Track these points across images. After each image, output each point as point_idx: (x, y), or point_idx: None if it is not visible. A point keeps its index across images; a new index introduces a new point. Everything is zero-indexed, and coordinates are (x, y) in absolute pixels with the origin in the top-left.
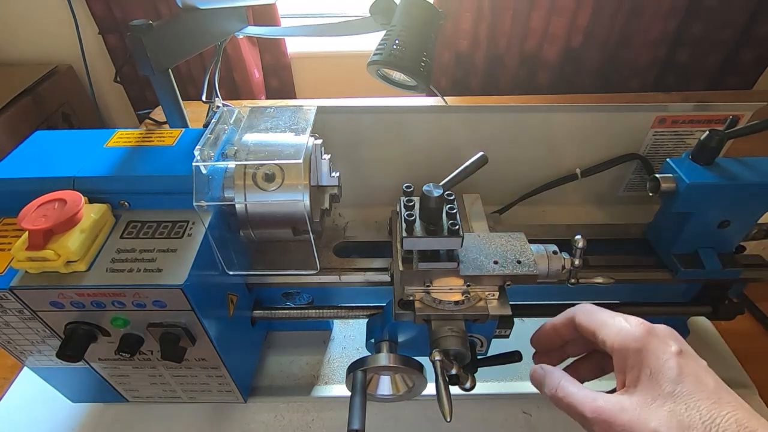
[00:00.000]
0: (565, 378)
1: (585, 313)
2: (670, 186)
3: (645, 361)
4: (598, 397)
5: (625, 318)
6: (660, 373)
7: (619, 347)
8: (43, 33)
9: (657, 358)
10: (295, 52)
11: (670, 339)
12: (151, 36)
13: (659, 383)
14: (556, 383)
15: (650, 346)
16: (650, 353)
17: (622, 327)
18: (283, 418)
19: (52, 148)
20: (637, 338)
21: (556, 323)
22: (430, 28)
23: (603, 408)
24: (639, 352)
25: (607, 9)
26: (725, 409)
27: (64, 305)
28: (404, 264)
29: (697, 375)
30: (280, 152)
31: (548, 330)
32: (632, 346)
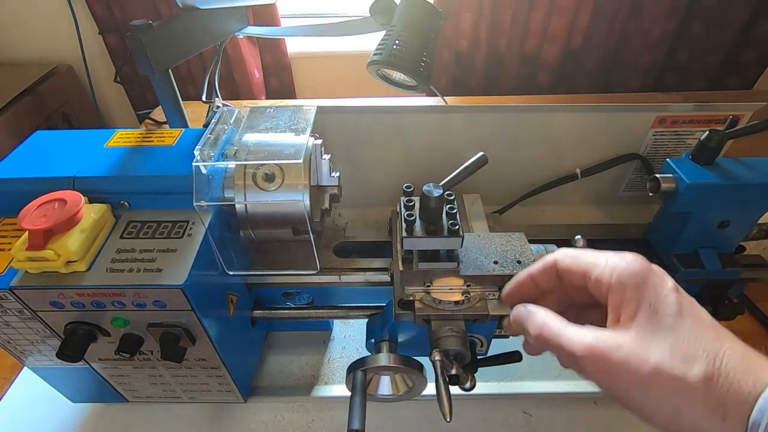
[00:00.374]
0: (551, 315)
1: (570, 257)
2: (670, 186)
3: (644, 295)
4: (588, 333)
5: (619, 255)
6: (660, 308)
7: (617, 283)
8: (43, 33)
9: (657, 293)
10: (295, 52)
11: (666, 276)
12: (151, 36)
13: (659, 318)
14: (541, 321)
15: (650, 280)
16: (650, 288)
17: (617, 263)
18: (283, 418)
19: (52, 148)
20: (636, 273)
21: (533, 272)
22: (430, 28)
23: (595, 345)
24: (638, 287)
25: (607, 9)
26: (726, 343)
27: (64, 305)
28: (404, 264)
29: (695, 311)
30: (280, 152)
31: (524, 279)
32: (631, 281)
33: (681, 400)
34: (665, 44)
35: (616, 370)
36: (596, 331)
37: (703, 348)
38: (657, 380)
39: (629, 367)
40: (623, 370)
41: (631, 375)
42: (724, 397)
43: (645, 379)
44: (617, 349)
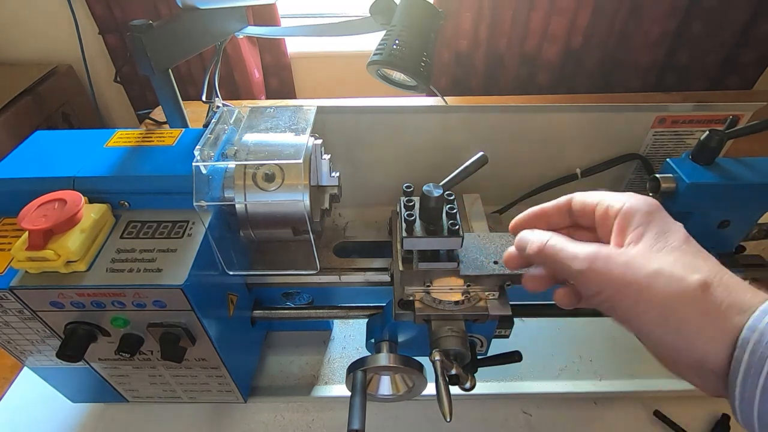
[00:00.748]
0: (555, 235)
1: (584, 194)
2: (670, 186)
3: (654, 221)
4: (591, 245)
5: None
6: (669, 231)
7: (628, 208)
8: (43, 33)
9: (665, 222)
10: (295, 52)
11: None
12: (151, 36)
13: (666, 239)
14: (545, 237)
15: (660, 214)
16: (659, 218)
17: (631, 197)
18: (283, 418)
19: (52, 148)
20: (649, 203)
21: (546, 207)
22: (430, 28)
23: (599, 251)
24: (649, 214)
25: (607, 9)
26: (726, 271)
27: (64, 305)
28: (404, 264)
29: (698, 245)
30: (280, 152)
31: (536, 215)
32: (644, 208)
33: (677, 299)
34: (665, 44)
35: (615, 272)
36: (600, 245)
37: (705, 264)
38: (655, 281)
39: (629, 269)
40: (622, 271)
41: (630, 276)
42: (719, 302)
43: (643, 280)
44: (620, 254)
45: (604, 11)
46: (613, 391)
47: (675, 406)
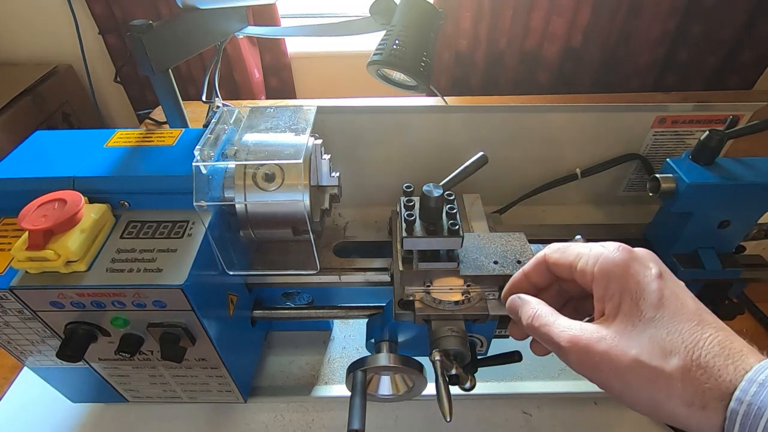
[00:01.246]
0: (542, 306)
1: (557, 251)
2: (670, 186)
3: (626, 286)
4: (574, 325)
5: (602, 245)
6: (641, 299)
7: (599, 274)
8: (43, 33)
9: (638, 282)
10: (295, 52)
11: (651, 261)
12: (151, 36)
13: (640, 309)
14: (532, 311)
15: (631, 271)
16: (631, 278)
17: (600, 253)
18: (283, 418)
19: (52, 148)
20: (617, 263)
21: (526, 269)
22: (430, 28)
23: (580, 337)
24: (620, 278)
25: (607, 9)
26: (707, 332)
27: (64, 305)
28: (404, 264)
29: (677, 297)
30: (280, 152)
31: (519, 279)
32: (613, 271)
33: (659, 391)
34: (665, 44)
35: (598, 362)
36: (582, 324)
37: (681, 340)
38: (636, 372)
39: (609, 359)
40: (604, 362)
41: (612, 367)
42: (702, 388)
43: (624, 372)
44: (599, 342)
45: (604, 11)
46: None
47: None
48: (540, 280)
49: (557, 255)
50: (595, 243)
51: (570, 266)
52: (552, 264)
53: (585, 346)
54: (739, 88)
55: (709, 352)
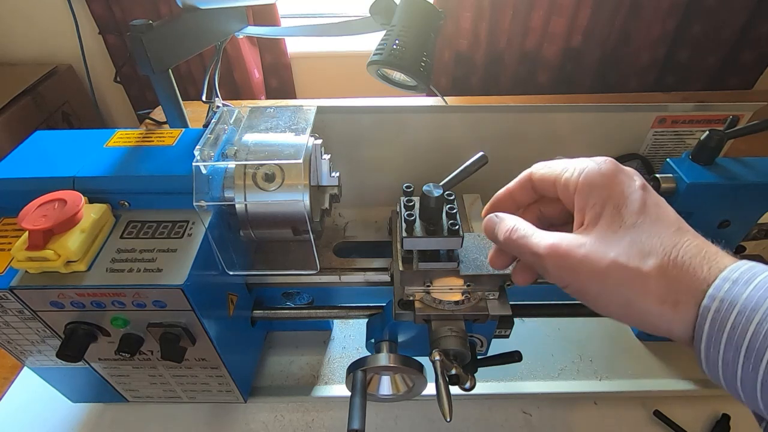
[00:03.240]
0: (519, 221)
1: (544, 166)
2: (670, 186)
3: (610, 195)
4: (553, 234)
5: (591, 159)
6: (624, 206)
7: (583, 183)
8: (43, 33)
9: (622, 191)
10: (295, 52)
11: (635, 175)
12: (151, 36)
13: (622, 216)
14: (510, 226)
15: (617, 179)
16: (616, 186)
17: (587, 164)
18: (283, 418)
19: (52, 148)
20: (603, 173)
21: (510, 187)
22: (430, 28)
23: (559, 244)
24: (604, 188)
25: (607, 9)
26: (686, 236)
27: (64, 305)
28: (404, 264)
29: (658, 205)
30: (280, 152)
31: (503, 196)
32: (598, 181)
33: (634, 290)
34: (665, 44)
35: (576, 266)
36: (561, 234)
37: (660, 242)
38: (613, 273)
39: (589, 262)
40: (583, 265)
41: (590, 270)
42: (677, 286)
43: (602, 273)
44: (579, 247)
45: (604, 11)
46: (613, 391)
47: (675, 406)
48: (524, 198)
49: (544, 170)
50: (582, 158)
51: (555, 180)
52: (537, 179)
53: (564, 252)
54: (739, 88)
55: (686, 253)
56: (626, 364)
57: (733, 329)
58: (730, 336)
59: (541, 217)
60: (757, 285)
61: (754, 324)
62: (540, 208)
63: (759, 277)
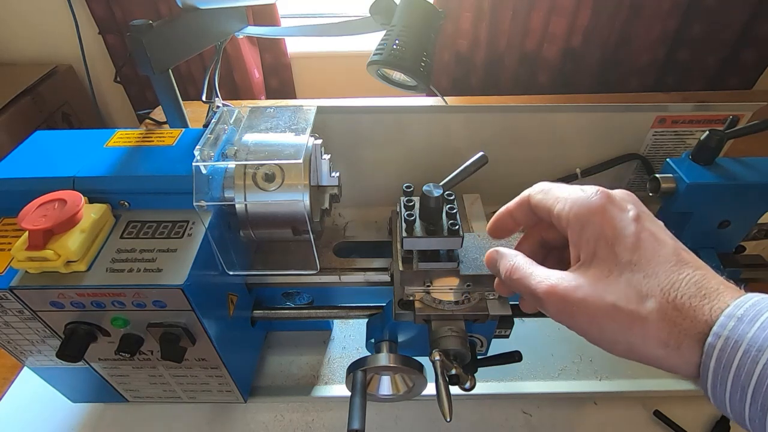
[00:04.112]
0: (519, 258)
1: (540, 192)
2: (670, 186)
3: (602, 231)
4: (551, 275)
5: (582, 188)
6: (617, 242)
7: (575, 218)
8: (43, 33)
9: (614, 226)
10: (295, 52)
11: (628, 203)
12: (151, 36)
13: (616, 253)
14: (509, 264)
15: (608, 214)
16: (607, 222)
17: (578, 197)
18: (283, 418)
19: (52, 148)
20: (593, 207)
21: (510, 207)
22: (430, 28)
23: (557, 286)
24: (595, 224)
25: (607, 9)
26: (684, 272)
27: (64, 305)
28: (404, 264)
29: (655, 237)
30: (280, 152)
31: (503, 216)
32: (588, 216)
33: (635, 335)
34: (665, 44)
35: (575, 311)
36: (559, 274)
37: (657, 282)
38: (612, 318)
39: (586, 307)
40: (581, 310)
41: (589, 315)
42: (678, 329)
43: (601, 319)
44: (575, 290)
45: (604, 11)
46: (613, 391)
47: (675, 406)
48: (522, 218)
49: (540, 196)
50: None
51: (549, 210)
52: (535, 205)
53: (562, 295)
54: (739, 88)
55: (685, 293)
56: (626, 364)
57: (739, 369)
58: (736, 376)
59: (543, 242)
60: (762, 324)
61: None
62: (541, 234)
63: (765, 314)
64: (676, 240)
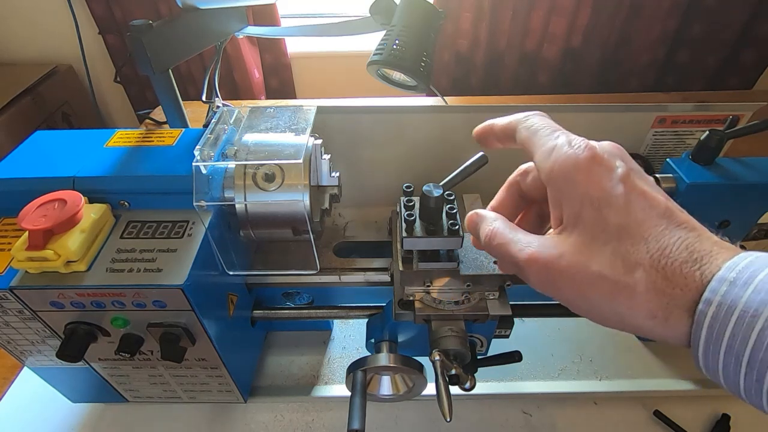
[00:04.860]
0: (499, 222)
1: (527, 129)
2: (670, 186)
3: (588, 191)
4: (533, 241)
5: (568, 138)
6: (605, 205)
7: (557, 175)
8: (43, 33)
9: (601, 187)
10: (295, 52)
11: (617, 158)
12: (151, 36)
13: (604, 217)
14: (489, 229)
15: (594, 173)
16: (593, 182)
17: (561, 151)
18: (283, 418)
19: (52, 148)
20: (579, 164)
21: (495, 127)
22: (430, 28)
23: (539, 254)
24: (580, 183)
25: (607, 9)
26: (675, 234)
27: (64, 305)
28: (404, 264)
29: (646, 197)
30: (280, 152)
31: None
32: (572, 173)
33: (622, 305)
34: (665, 44)
35: (558, 280)
36: (541, 239)
37: (646, 249)
38: (598, 288)
39: (571, 277)
40: (565, 279)
41: (573, 285)
42: (667, 300)
43: (586, 289)
44: (559, 258)
45: (604, 11)
46: (613, 391)
47: (675, 406)
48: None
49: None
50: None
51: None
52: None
53: (544, 264)
54: (739, 88)
55: (677, 259)
56: (626, 364)
57: (732, 337)
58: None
59: (522, 193)
60: (757, 286)
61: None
62: (519, 184)
63: (759, 276)
64: (669, 198)
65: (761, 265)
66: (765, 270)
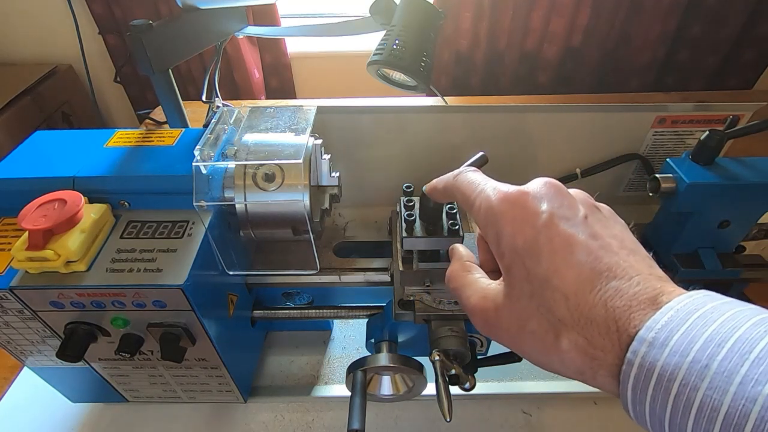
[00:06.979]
0: (457, 264)
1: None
2: (670, 186)
3: (514, 240)
4: (480, 289)
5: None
6: (528, 255)
7: (483, 225)
8: (43, 33)
9: (524, 236)
10: (295, 52)
11: (542, 201)
12: (151, 36)
13: (528, 268)
14: (450, 270)
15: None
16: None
17: (488, 196)
18: (283, 418)
19: (52, 148)
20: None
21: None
22: (430, 28)
23: (480, 305)
24: (505, 232)
25: (607, 9)
26: (596, 287)
27: (64, 305)
28: (404, 264)
29: (569, 243)
30: (280, 152)
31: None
32: (493, 220)
33: (555, 363)
34: (665, 44)
35: (498, 332)
36: (486, 289)
37: (566, 307)
38: (531, 344)
39: (506, 329)
40: (503, 332)
41: (510, 337)
42: (590, 359)
43: (521, 344)
44: (495, 311)
45: (604, 10)
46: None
47: None
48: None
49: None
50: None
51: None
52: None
53: (483, 315)
54: (739, 88)
55: (595, 319)
56: None
57: (653, 401)
58: (652, 408)
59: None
60: (673, 348)
61: (672, 396)
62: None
63: (675, 337)
64: (600, 238)
65: (679, 322)
66: (681, 328)
